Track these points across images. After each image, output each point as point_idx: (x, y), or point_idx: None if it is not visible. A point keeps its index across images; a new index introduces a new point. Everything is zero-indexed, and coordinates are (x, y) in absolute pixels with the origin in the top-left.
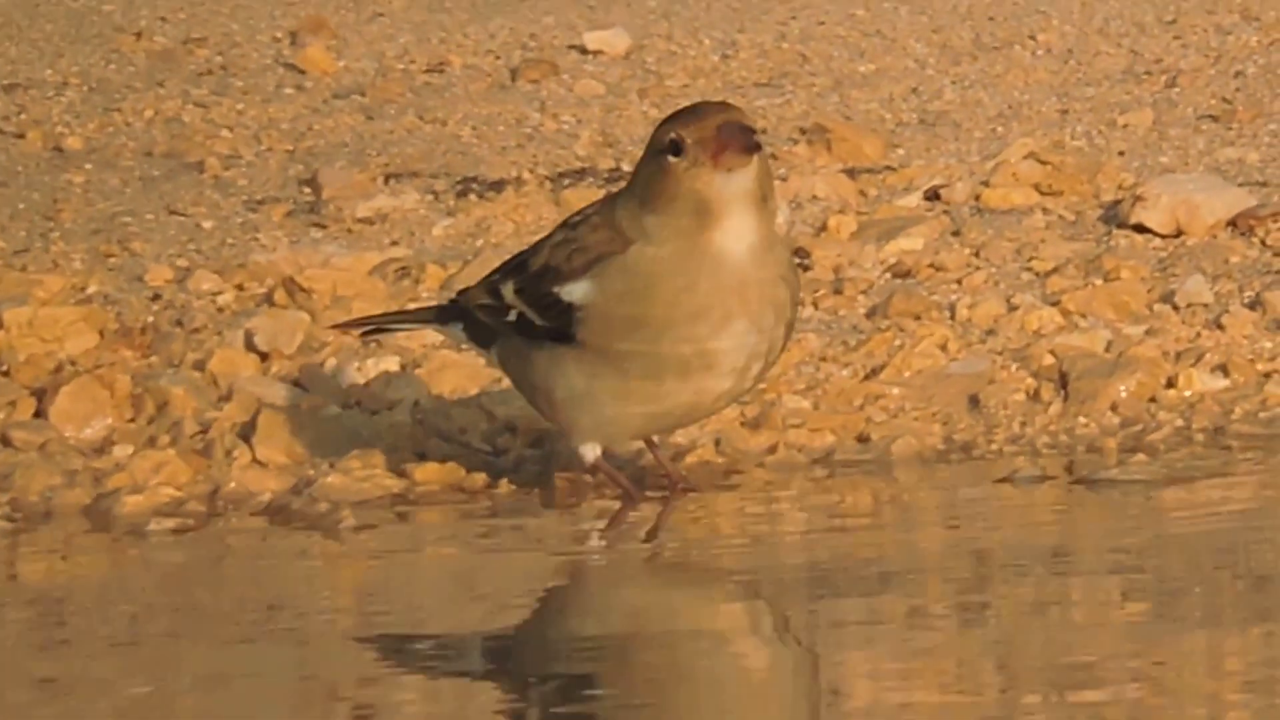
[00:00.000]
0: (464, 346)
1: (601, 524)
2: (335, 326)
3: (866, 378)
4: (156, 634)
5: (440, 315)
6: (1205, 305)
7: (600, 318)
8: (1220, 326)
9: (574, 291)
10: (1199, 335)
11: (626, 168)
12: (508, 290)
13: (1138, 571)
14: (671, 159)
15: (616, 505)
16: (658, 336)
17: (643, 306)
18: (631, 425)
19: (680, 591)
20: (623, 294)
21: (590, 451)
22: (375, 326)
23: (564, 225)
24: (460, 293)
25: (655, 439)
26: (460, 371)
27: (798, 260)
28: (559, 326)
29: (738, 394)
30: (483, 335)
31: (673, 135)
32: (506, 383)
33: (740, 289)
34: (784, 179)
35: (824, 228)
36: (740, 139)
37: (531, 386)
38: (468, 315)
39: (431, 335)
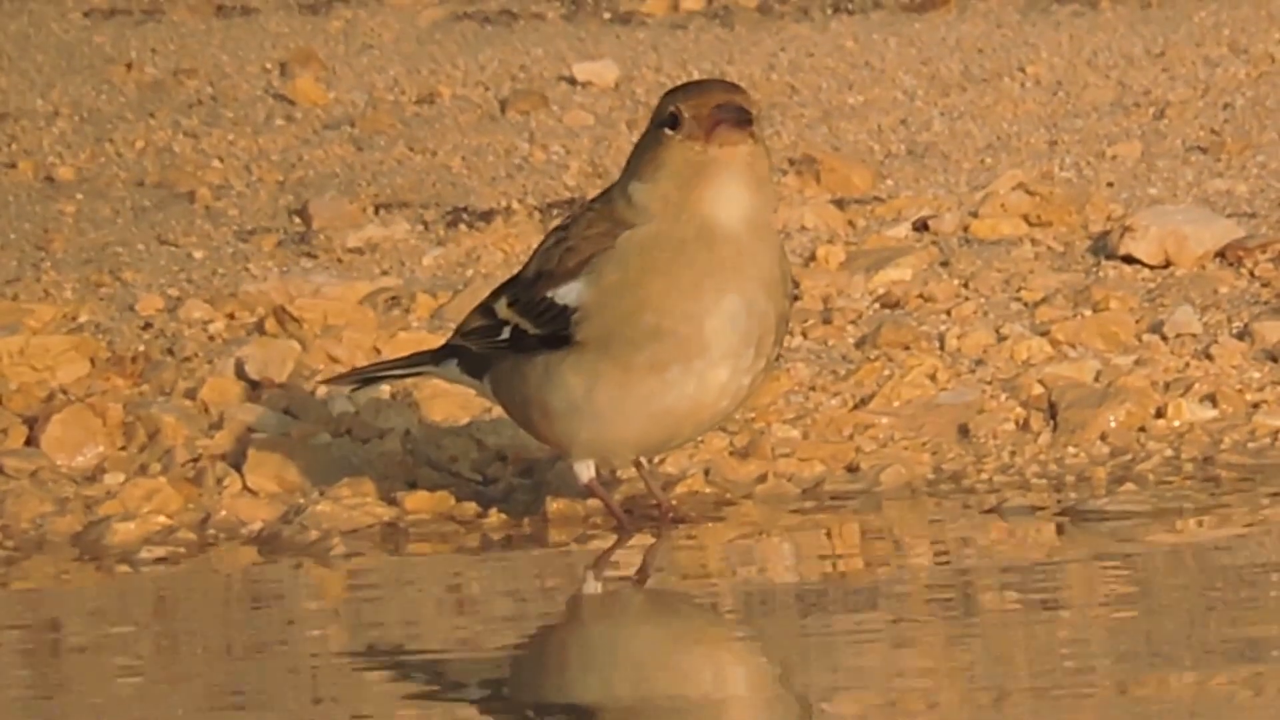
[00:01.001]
0: (459, 383)
1: (591, 561)
2: (328, 382)
3: (856, 407)
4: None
5: (434, 357)
6: (1194, 336)
7: (599, 313)
8: (1209, 357)
9: (568, 294)
10: (1188, 365)
11: None
12: (501, 306)
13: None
14: (668, 131)
15: (608, 538)
16: (658, 316)
17: (639, 291)
18: (630, 432)
19: (668, 632)
20: (618, 285)
21: (585, 471)
22: (370, 377)
23: (556, 229)
24: (454, 333)
25: (645, 464)
26: (451, 400)
27: None
28: (554, 331)
29: (734, 393)
30: (476, 367)
31: (672, 109)
32: (497, 411)
33: (735, 259)
34: (773, 209)
35: (813, 258)
36: (736, 118)
37: (526, 404)
38: (460, 350)
39: None
